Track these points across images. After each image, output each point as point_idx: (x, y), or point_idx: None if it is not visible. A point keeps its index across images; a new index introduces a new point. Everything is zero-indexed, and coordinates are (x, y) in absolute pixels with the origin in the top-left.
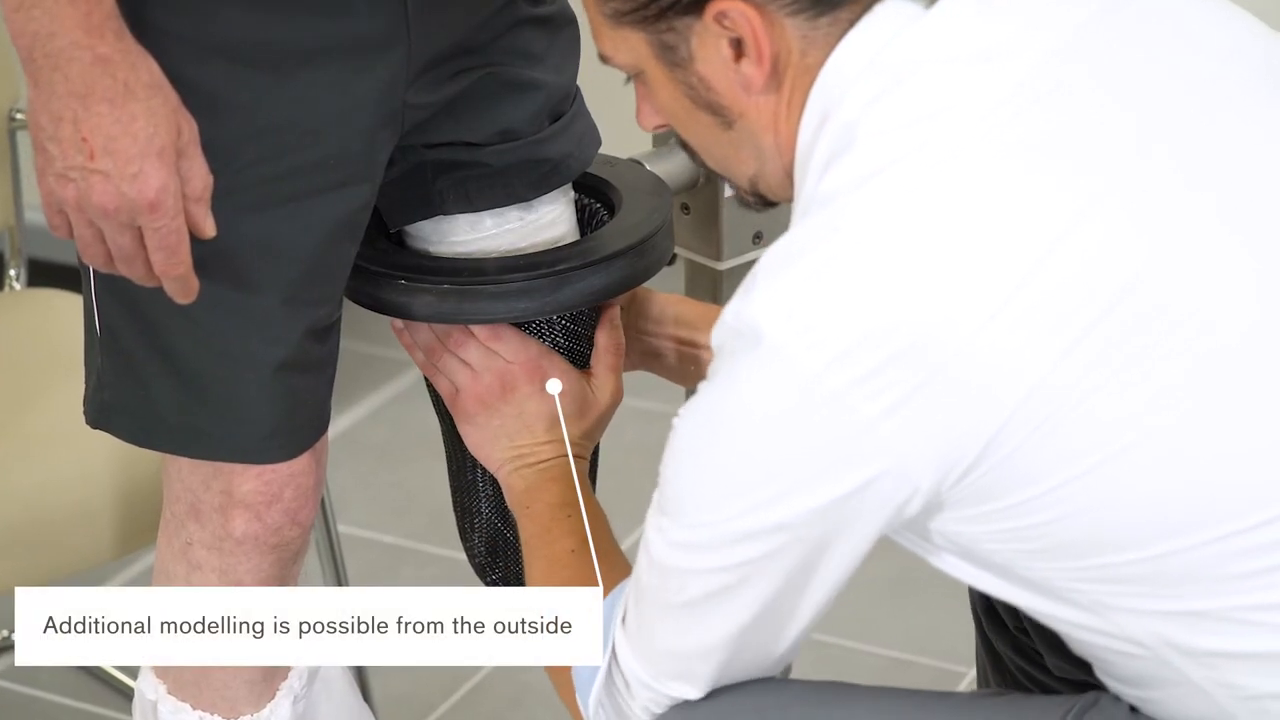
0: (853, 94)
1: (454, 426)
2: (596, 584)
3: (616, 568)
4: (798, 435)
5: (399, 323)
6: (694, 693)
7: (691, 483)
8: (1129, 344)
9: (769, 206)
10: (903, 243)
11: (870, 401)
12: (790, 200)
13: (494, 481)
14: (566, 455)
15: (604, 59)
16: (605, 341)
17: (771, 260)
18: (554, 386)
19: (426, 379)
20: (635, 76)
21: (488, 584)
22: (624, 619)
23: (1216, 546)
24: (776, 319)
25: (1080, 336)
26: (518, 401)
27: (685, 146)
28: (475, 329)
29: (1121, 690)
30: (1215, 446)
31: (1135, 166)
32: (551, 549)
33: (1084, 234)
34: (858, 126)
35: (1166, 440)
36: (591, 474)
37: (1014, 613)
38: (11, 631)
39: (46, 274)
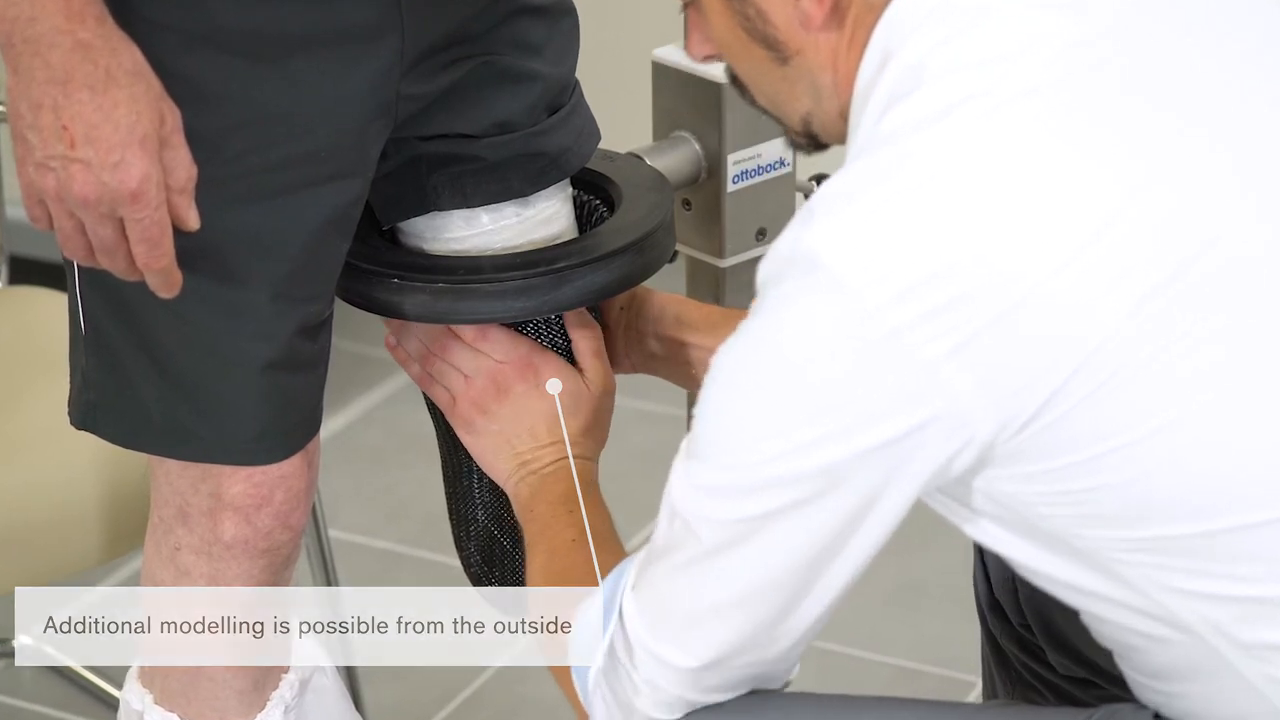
0: (921, 34)
1: (449, 432)
2: (594, 568)
3: (616, 555)
4: (852, 371)
5: (392, 338)
6: (693, 662)
7: (731, 419)
8: (1202, 302)
9: (819, 149)
10: (974, 182)
11: (933, 342)
12: (842, 142)
13: (490, 489)
14: (569, 456)
15: None
16: (578, 327)
17: (831, 194)
18: (554, 386)
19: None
20: (688, 4)
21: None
22: (633, 584)
23: None
24: (838, 250)
25: (1154, 291)
26: (513, 403)
27: (735, 81)
28: (461, 331)
29: (1147, 684)
30: None
31: (1216, 122)
32: (551, 542)
33: (1162, 187)
34: (925, 67)
35: (1236, 405)
36: None
37: (1018, 608)
38: (5, 638)
39: (29, 271)
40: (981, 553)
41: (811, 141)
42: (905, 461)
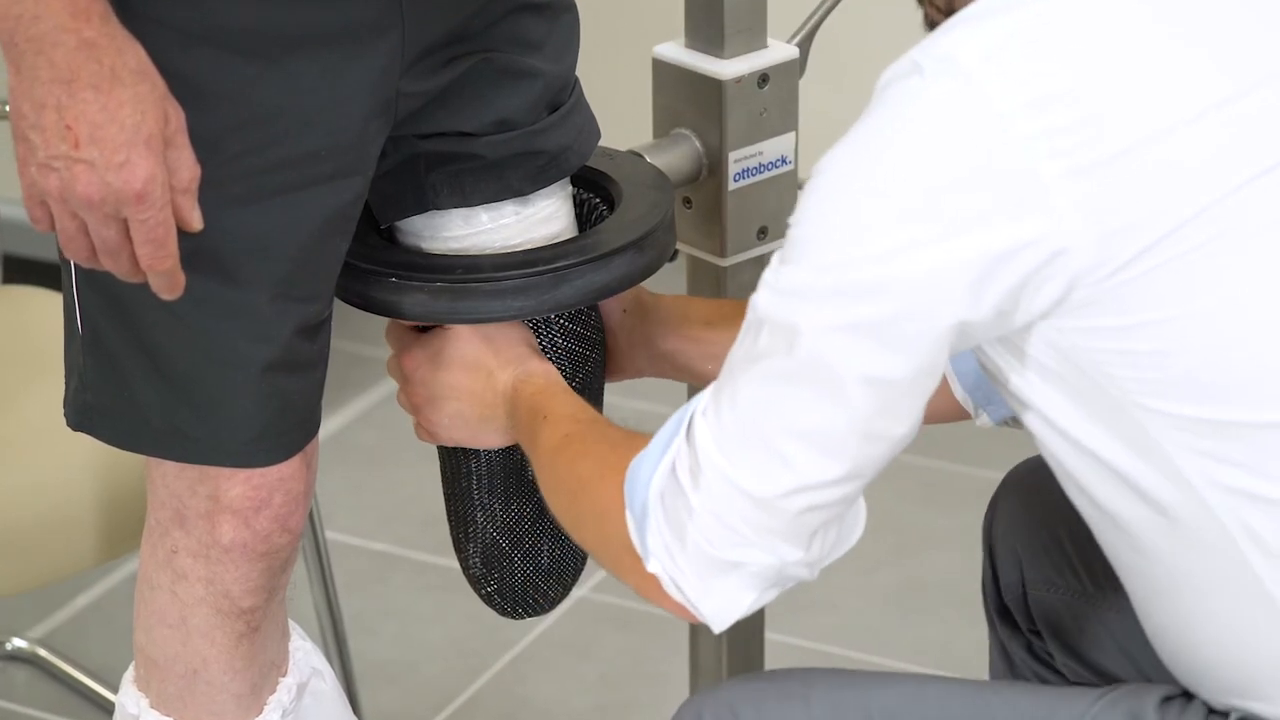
0: None
1: None
2: (609, 441)
3: (614, 427)
4: (968, 169)
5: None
6: (763, 490)
7: (833, 212)
8: None
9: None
10: (1123, 19)
11: (1055, 159)
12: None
13: (489, 489)
14: (509, 391)
15: None
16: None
17: (973, 10)
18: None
19: None
20: None
21: (482, 596)
22: (704, 407)
23: None
24: (977, 52)
25: (1275, 168)
26: (440, 393)
27: None
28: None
29: (1148, 603)
30: None
31: None
32: (541, 452)
33: None
34: None
35: None
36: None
37: (1027, 614)
38: (4, 640)
39: (23, 270)
40: (991, 558)
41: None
42: (996, 282)
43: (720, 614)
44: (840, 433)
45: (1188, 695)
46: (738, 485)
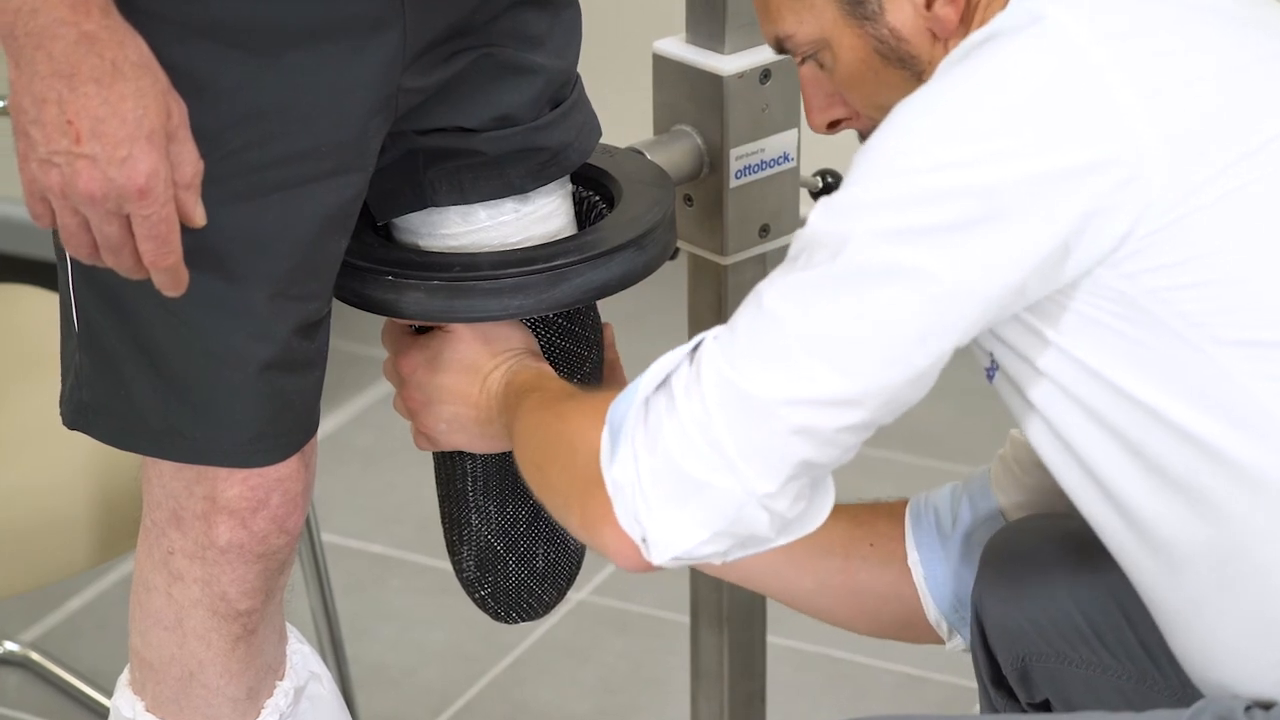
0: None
1: None
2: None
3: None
4: (1046, 95)
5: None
6: (761, 392)
7: (903, 134)
8: None
9: None
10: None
11: (1130, 86)
12: None
13: (484, 492)
14: (501, 387)
15: (780, 42)
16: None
17: None
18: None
19: None
20: (810, 57)
21: (476, 599)
22: (717, 333)
23: None
24: (1060, 6)
25: None
26: (430, 396)
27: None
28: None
29: (1155, 592)
30: None
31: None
32: (525, 412)
33: None
34: None
35: None
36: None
37: (1026, 687)
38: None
39: (15, 268)
40: (982, 631)
41: None
42: (1063, 204)
43: (665, 540)
44: (864, 346)
45: (1264, 706)
46: (737, 386)
